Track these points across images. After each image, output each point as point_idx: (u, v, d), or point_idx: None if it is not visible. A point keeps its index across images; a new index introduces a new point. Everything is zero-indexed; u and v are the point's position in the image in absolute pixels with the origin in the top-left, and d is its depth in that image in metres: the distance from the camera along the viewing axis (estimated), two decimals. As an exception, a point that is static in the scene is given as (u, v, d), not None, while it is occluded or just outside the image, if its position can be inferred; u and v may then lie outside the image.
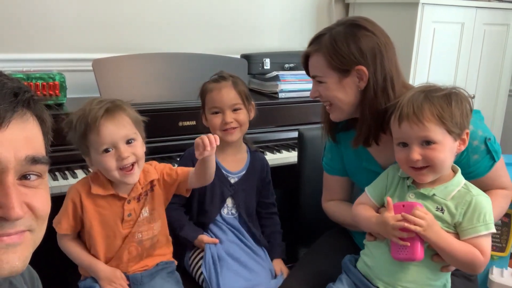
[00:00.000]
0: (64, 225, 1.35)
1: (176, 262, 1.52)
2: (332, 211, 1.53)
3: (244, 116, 1.58)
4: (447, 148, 1.14)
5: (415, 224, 1.10)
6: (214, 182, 1.59)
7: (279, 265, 1.62)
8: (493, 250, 1.80)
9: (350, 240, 1.54)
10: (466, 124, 1.16)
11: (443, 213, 1.16)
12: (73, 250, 1.39)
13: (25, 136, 0.68)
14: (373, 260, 1.26)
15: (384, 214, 1.17)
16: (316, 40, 1.33)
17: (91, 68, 1.89)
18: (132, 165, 1.31)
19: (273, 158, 2.03)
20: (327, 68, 1.30)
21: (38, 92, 1.81)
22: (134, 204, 1.38)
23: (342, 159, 1.49)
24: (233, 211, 1.65)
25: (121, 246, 1.37)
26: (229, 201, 1.64)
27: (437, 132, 1.12)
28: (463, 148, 1.18)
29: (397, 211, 1.15)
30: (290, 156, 2.04)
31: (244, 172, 1.65)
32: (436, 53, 2.59)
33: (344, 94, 1.32)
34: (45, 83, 1.82)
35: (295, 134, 1.85)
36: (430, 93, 1.15)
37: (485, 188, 1.31)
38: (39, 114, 0.72)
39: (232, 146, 1.63)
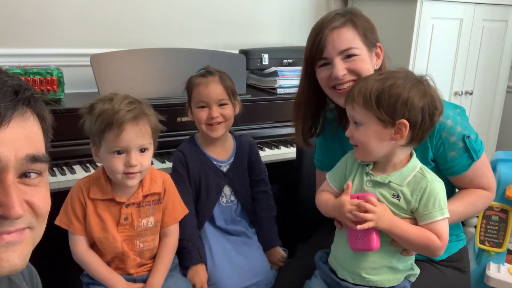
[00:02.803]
0: (76, 225, 1.35)
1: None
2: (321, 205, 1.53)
3: (229, 111, 1.60)
4: (370, 131, 1.15)
5: (367, 218, 1.12)
6: (208, 175, 1.61)
7: (278, 254, 1.66)
8: (490, 245, 1.82)
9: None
10: (404, 114, 1.12)
11: (399, 200, 1.17)
12: (91, 260, 1.37)
13: (26, 135, 0.67)
14: (337, 251, 1.28)
15: (341, 197, 1.19)
16: (342, 16, 1.30)
17: (89, 63, 1.88)
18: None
19: (272, 154, 2.03)
20: (359, 40, 1.28)
21: (36, 88, 1.80)
22: (132, 209, 1.38)
23: (330, 155, 1.49)
24: (232, 198, 1.66)
25: (121, 250, 1.37)
26: (226, 189, 1.65)
27: (361, 114, 1.15)
28: (399, 138, 1.14)
29: None
30: (288, 152, 2.05)
31: (233, 158, 1.67)
32: (434, 49, 2.58)
33: (372, 68, 1.31)
34: (42, 78, 1.82)
35: (293, 130, 1.85)
36: (380, 75, 1.18)
37: (463, 186, 1.33)
38: (39, 112, 0.71)
39: (219, 138, 1.64)
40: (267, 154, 2.01)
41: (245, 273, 1.51)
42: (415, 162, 1.20)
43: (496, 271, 1.81)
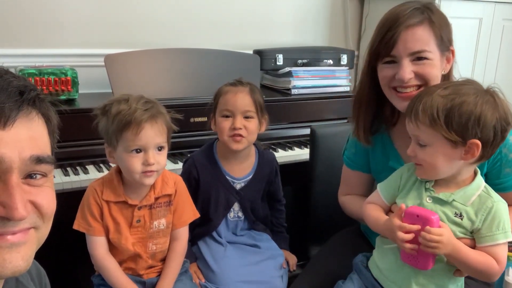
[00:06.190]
0: (95, 226, 1.34)
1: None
2: (349, 205, 1.47)
3: (254, 125, 1.51)
4: (438, 152, 1.07)
5: (430, 246, 1.05)
6: (219, 190, 1.56)
7: (288, 256, 1.66)
8: (509, 250, 1.77)
9: (364, 240, 1.50)
10: (477, 133, 1.04)
11: (462, 219, 1.09)
12: (110, 266, 1.35)
13: (30, 136, 0.66)
14: (384, 262, 1.21)
15: (393, 220, 1.11)
16: (420, 13, 1.19)
17: (103, 63, 1.89)
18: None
19: (285, 155, 2.01)
20: (433, 43, 1.18)
21: (50, 88, 1.82)
22: (144, 211, 1.37)
23: (367, 156, 1.41)
24: (240, 214, 1.62)
25: (133, 252, 1.36)
26: (235, 206, 1.61)
27: (428, 134, 1.07)
28: (470, 158, 1.07)
29: (408, 219, 1.09)
30: (302, 153, 2.02)
31: (250, 177, 1.60)
32: (453, 49, 2.54)
33: (440, 74, 1.20)
34: (57, 79, 1.83)
35: (307, 131, 1.83)
36: (446, 90, 1.07)
37: (509, 203, 1.23)
38: (45, 112, 0.71)
39: (239, 154, 1.57)
40: (281, 155, 1.99)
41: (255, 282, 1.47)
42: (480, 181, 1.13)
43: (515, 277, 1.76)
